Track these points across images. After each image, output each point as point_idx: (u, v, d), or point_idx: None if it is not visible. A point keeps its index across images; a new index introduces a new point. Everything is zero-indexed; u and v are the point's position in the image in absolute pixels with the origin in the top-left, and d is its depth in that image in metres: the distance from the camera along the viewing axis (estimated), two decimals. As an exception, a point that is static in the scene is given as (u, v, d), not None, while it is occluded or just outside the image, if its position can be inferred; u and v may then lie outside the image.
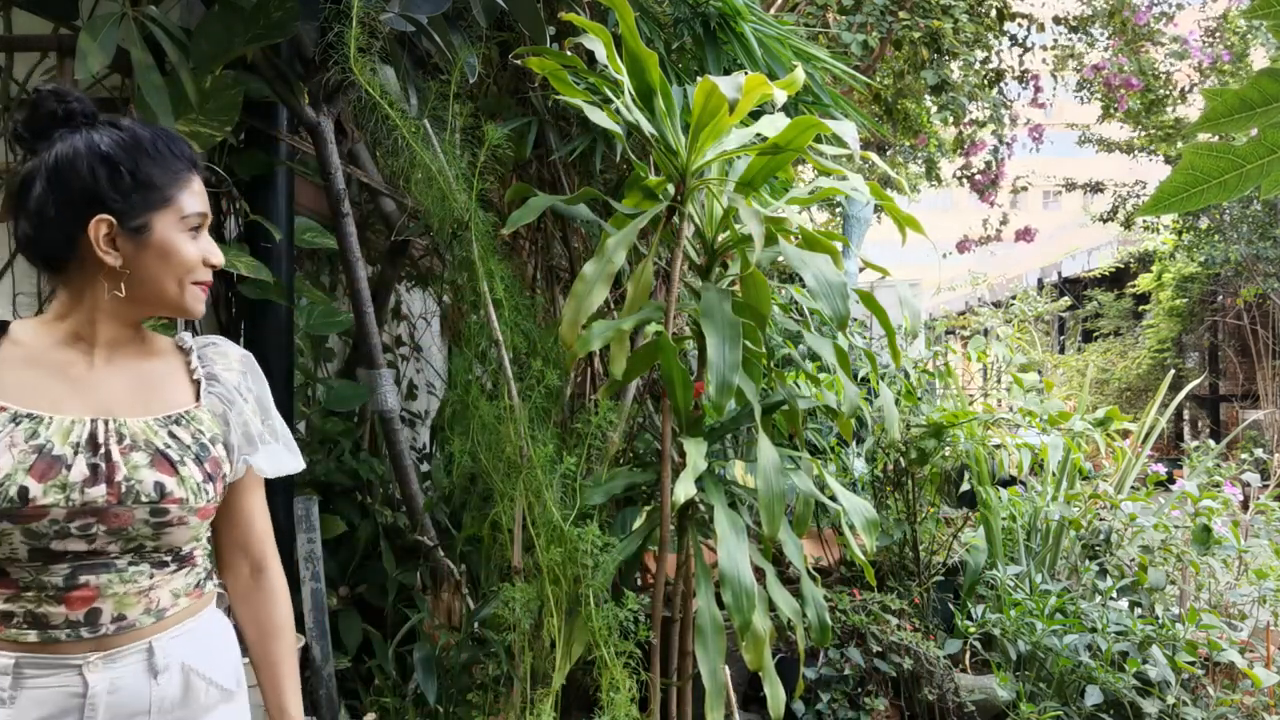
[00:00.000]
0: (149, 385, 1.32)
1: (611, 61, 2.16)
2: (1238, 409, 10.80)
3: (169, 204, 1.27)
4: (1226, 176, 0.78)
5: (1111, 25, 6.55)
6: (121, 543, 1.23)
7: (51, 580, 1.20)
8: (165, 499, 1.24)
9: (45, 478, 1.17)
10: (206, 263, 1.31)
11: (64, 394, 1.24)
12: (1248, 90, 0.74)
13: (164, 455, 1.25)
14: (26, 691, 1.19)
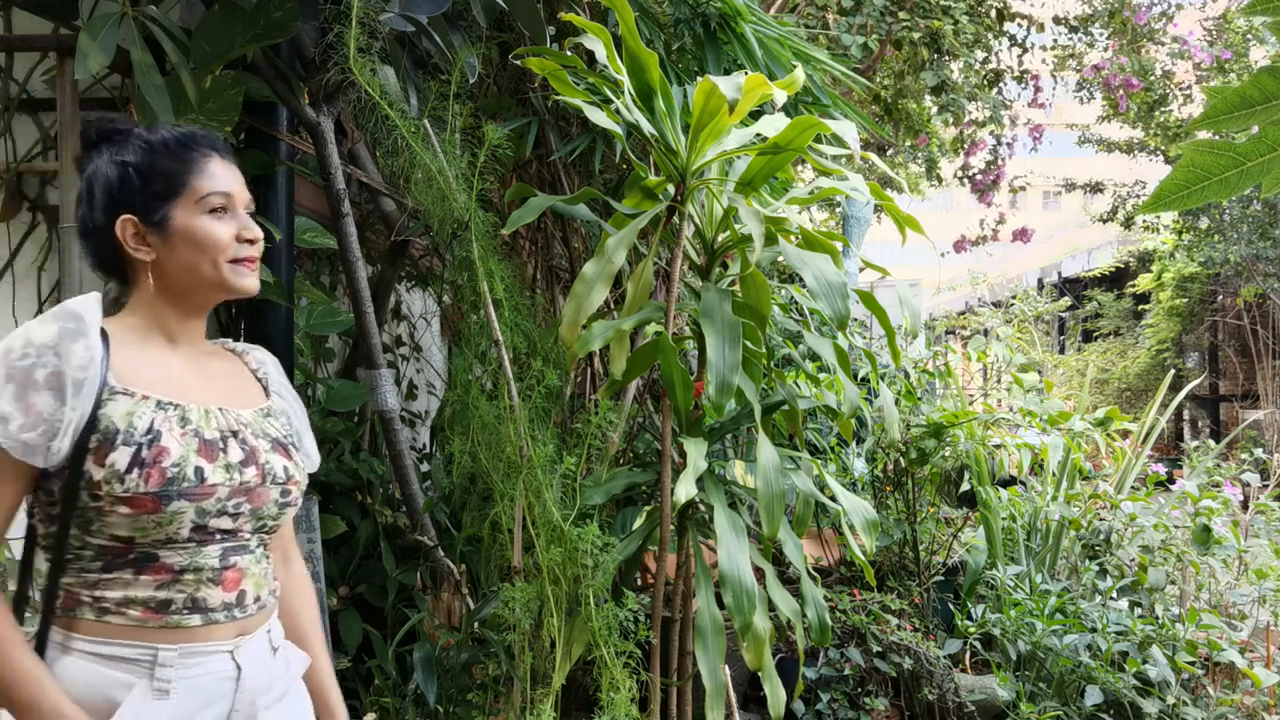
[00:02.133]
0: (230, 381, 1.39)
1: (611, 61, 2.16)
2: (1238, 409, 10.80)
3: (183, 191, 1.29)
4: (1227, 174, 0.78)
5: (1112, 25, 6.55)
6: (254, 523, 1.31)
7: (208, 562, 1.25)
8: (289, 481, 1.35)
9: (212, 459, 1.25)
10: (241, 238, 1.31)
11: (179, 384, 1.29)
12: (1248, 88, 0.74)
13: (280, 442, 1.36)
14: (186, 681, 1.21)
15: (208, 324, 1.41)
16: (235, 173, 1.34)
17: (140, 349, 1.29)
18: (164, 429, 1.22)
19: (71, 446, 1.17)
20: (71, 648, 1.20)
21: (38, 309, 2.66)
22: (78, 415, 1.18)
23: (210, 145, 1.33)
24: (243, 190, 1.34)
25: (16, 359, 1.17)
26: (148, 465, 1.19)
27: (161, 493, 1.19)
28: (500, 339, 2.47)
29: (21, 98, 2.63)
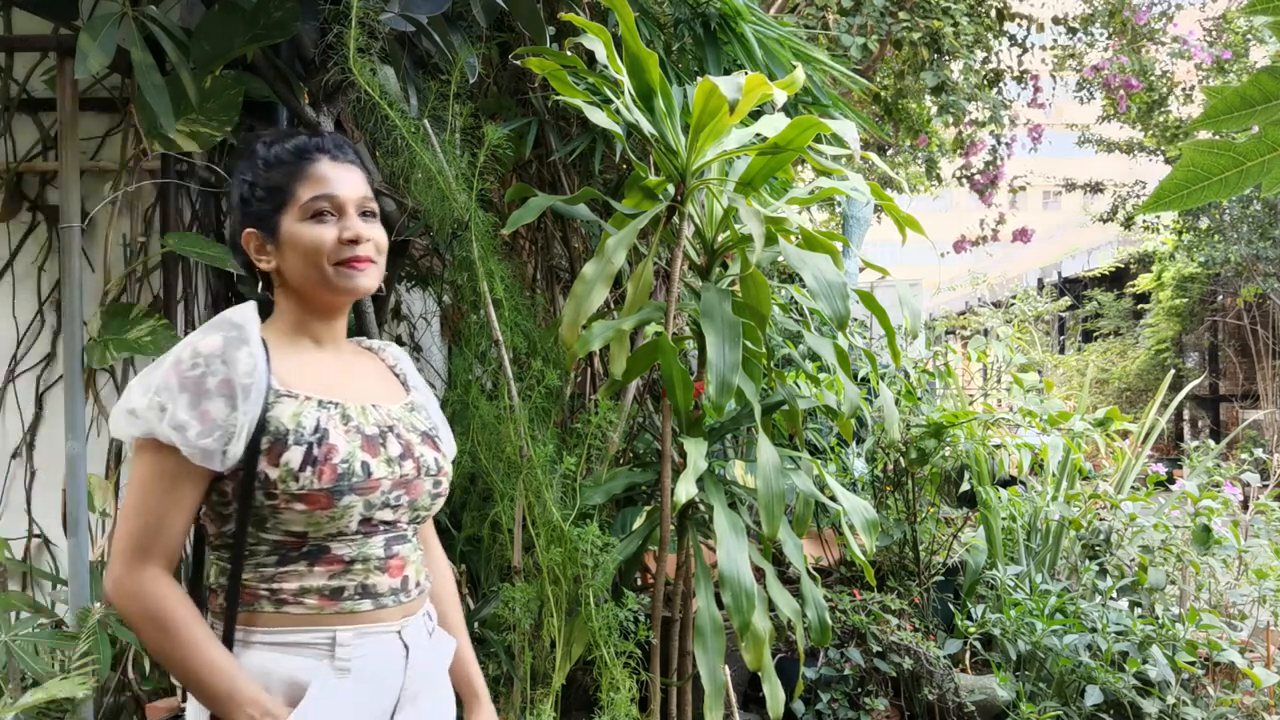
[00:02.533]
0: (375, 378, 1.44)
1: (611, 62, 2.16)
2: (1238, 409, 10.80)
3: (288, 199, 1.33)
4: (1227, 174, 0.78)
5: (1112, 25, 6.55)
6: (410, 513, 1.36)
7: (374, 552, 1.31)
8: (439, 472, 1.40)
9: (375, 454, 1.30)
10: (343, 239, 1.32)
11: (333, 384, 1.34)
12: (1248, 88, 0.74)
13: (427, 434, 1.40)
14: (363, 659, 1.27)
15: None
16: (349, 173, 1.36)
17: (293, 352, 1.34)
18: (330, 427, 1.27)
19: (245, 449, 1.22)
20: (253, 641, 1.26)
21: (38, 309, 2.66)
22: (248, 419, 1.23)
23: (321, 149, 1.36)
24: (355, 190, 1.35)
25: (187, 369, 1.23)
26: (320, 463, 1.24)
27: (334, 488, 1.24)
28: (500, 339, 2.47)
29: (21, 98, 2.63)
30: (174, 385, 1.22)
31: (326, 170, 1.34)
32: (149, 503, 1.23)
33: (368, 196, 1.36)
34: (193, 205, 2.68)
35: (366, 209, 1.36)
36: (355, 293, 1.34)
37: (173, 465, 1.22)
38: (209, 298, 2.77)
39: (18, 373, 2.65)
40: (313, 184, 1.33)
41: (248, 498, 1.24)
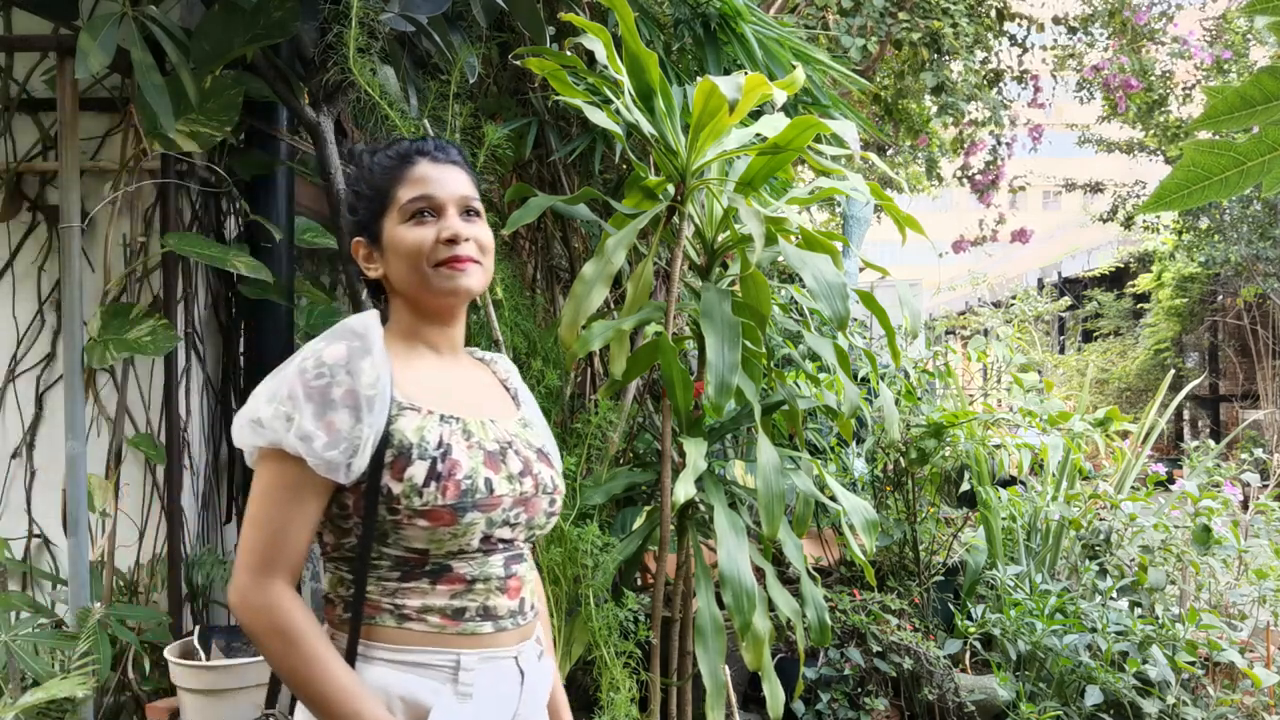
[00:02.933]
0: (490, 391, 1.41)
1: (611, 62, 2.16)
2: (1238, 409, 10.80)
3: (389, 203, 1.32)
4: (1228, 173, 0.78)
5: (1112, 25, 6.55)
6: (527, 532, 1.32)
7: (495, 571, 1.27)
8: (555, 490, 1.36)
9: (497, 470, 1.27)
10: (442, 239, 1.29)
11: (451, 397, 1.31)
12: (1248, 88, 0.74)
13: (542, 451, 1.36)
14: (484, 686, 1.24)
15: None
16: (449, 173, 1.33)
17: (411, 363, 1.32)
18: (453, 442, 1.24)
19: (368, 462, 1.20)
20: (374, 657, 1.22)
21: (38, 309, 2.66)
22: (373, 431, 1.20)
23: (421, 151, 1.34)
24: (455, 189, 1.32)
25: (312, 379, 1.20)
26: (443, 478, 1.21)
27: (457, 505, 1.21)
28: (500, 339, 2.47)
29: (21, 98, 2.63)
30: (299, 395, 1.19)
31: (426, 171, 1.32)
32: (273, 514, 1.21)
33: (469, 196, 1.33)
34: (193, 205, 2.68)
35: (469, 208, 1.33)
36: (458, 294, 1.30)
37: (296, 476, 1.20)
38: (209, 298, 2.77)
39: (18, 373, 2.65)
40: (412, 185, 1.31)
41: (371, 512, 1.21)
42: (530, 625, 1.33)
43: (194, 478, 2.68)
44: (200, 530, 2.71)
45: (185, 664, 2.23)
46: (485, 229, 1.34)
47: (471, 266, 1.30)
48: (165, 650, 2.32)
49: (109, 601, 2.44)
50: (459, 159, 1.36)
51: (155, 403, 2.61)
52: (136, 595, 2.56)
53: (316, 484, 1.21)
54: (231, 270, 2.46)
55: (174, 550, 2.54)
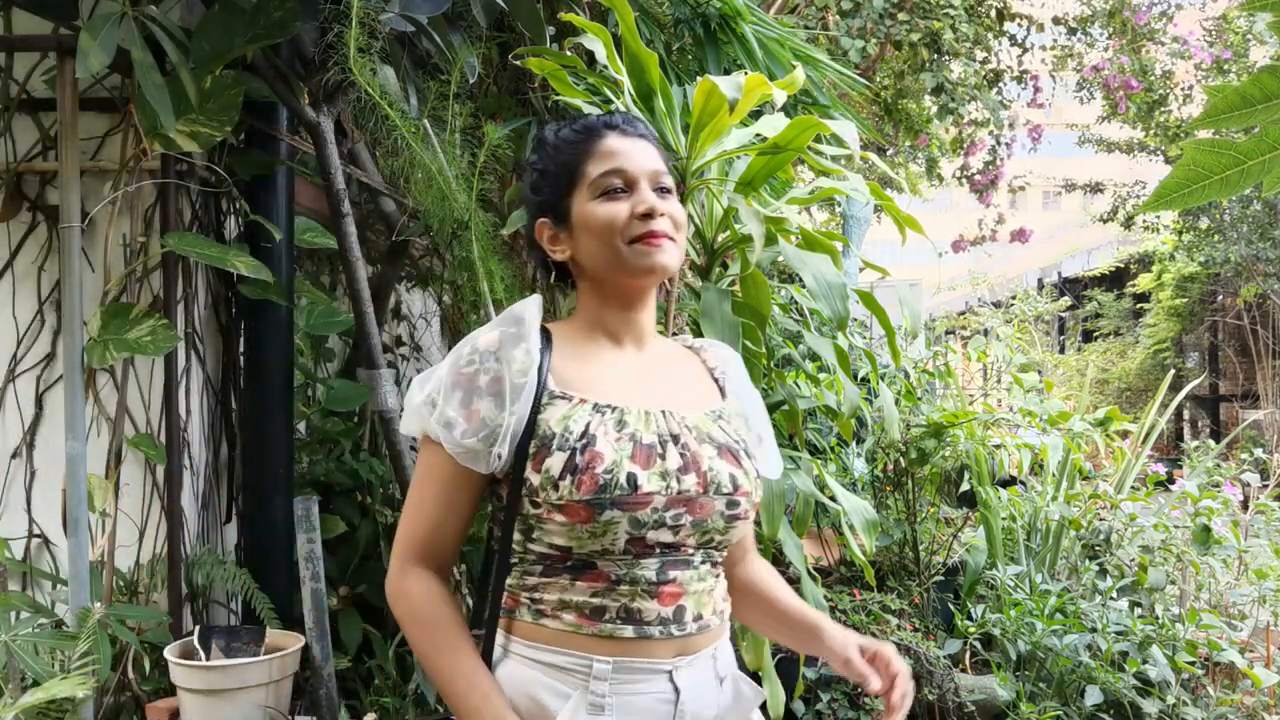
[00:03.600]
0: (682, 381, 1.30)
1: (611, 62, 2.16)
2: (1238, 409, 10.80)
3: (576, 179, 1.24)
4: (1228, 173, 0.78)
5: (1111, 25, 6.55)
6: (698, 536, 1.19)
7: (644, 574, 1.16)
8: (737, 491, 1.21)
9: (647, 465, 1.15)
10: (636, 214, 1.20)
11: (620, 386, 1.23)
12: (1249, 87, 0.73)
13: (728, 448, 1.23)
14: (621, 699, 1.14)
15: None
16: (639, 145, 1.25)
17: (584, 350, 1.25)
18: (598, 433, 1.16)
19: (511, 452, 1.16)
20: (510, 651, 1.18)
21: (38, 309, 2.66)
22: (515, 420, 1.16)
23: (609, 125, 1.26)
24: (647, 163, 1.24)
25: (463, 365, 1.18)
26: (580, 471, 1.13)
27: (594, 500, 1.12)
28: (500, 339, 2.46)
29: (21, 98, 2.63)
30: (448, 382, 1.17)
31: (616, 144, 1.24)
32: (422, 501, 1.20)
33: (661, 171, 1.25)
34: (193, 205, 2.68)
35: (661, 184, 1.24)
36: (654, 271, 1.21)
37: (444, 465, 1.18)
38: (209, 298, 2.77)
39: (18, 373, 2.65)
40: (601, 159, 1.23)
41: (515, 505, 1.17)
42: (696, 639, 1.19)
43: (194, 478, 2.68)
44: (200, 530, 2.71)
45: (185, 664, 2.23)
46: (678, 206, 1.25)
47: (667, 243, 1.21)
48: (165, 650, 2.32)
49: (109, 601, 2.44)
50: (647, 133, 1.28)
51: (155, 403, 2.61)
52: (136, 595, 2.56)
53: (461, 474, 1.18)
54: (231, 270, 2.47)
55: (174, 550, 2.54)
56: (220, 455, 2.82)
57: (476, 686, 1.14)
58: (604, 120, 1.27)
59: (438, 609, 1.17)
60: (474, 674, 1.15)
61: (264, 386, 2.69)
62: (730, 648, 1.28)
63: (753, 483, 1.23)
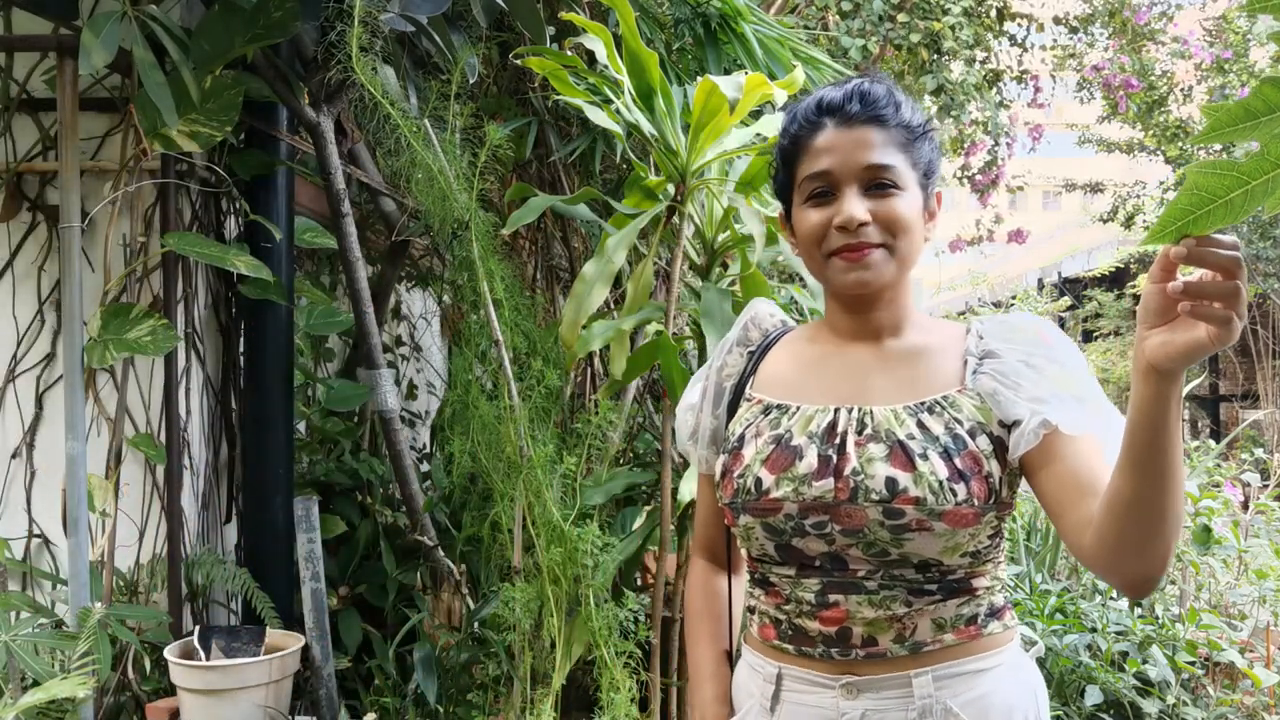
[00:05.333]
0: (908, 371, 1.15)
1: (612, 61, 2.16)
2: (1238, 409, 10.80)
3: (794, 177, 1.16)
4: (1232, 195, 0.77)
5: (1112, 25, 6.55)
6: (862, 548, 1.08)
7: (806, 595, 1.11)
8: (897, 497, 1.05)
9: (777, 469, 1.10)
10: (835, 225, 1.09)
11: (818, 385, 1.16)
12: (1251, 99, 0.73)
13: (903, 447, 1.07)
14: (785, 705, 1.13)
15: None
16: (858, 136, 1.10)
17: (806, 351, 1.19)
18: (750, 434, 1.13)
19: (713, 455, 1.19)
20: (742, 649, 1.25)
21: (38, 309, 2.66)
22: (714, 422, 1.18)
23: (830, 110, 1.12)
24: (859, 159, 1.10)
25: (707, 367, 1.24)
26: (727, 474, 1.13)
27: (732, 504, 1.11)
28: (500, 339, 2.47)
29: (21, 98, 2.63)
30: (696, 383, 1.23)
31: (829, 140, 1.11)
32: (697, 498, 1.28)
33: (879, 165, 1.09)
34: (193, 205, 2.68)
35: (877, 180, 1.10)
36: (854, 289, 1.11)
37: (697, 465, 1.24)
38: (209, 298, 2.77)
39: (18, 373, 2.65)
40: (812, 159, 1.12)
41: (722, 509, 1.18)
42: (871, 665, 1.09)
43: (194, 478, 2.68)
44: (200, 530, 2.70)
45: (185, 664, 2.23)
46: (901, 201, 1.10)
47: (874, 255, 1.09)
48: (165, 650, 2.32)
49: (109, 601, 2.44)
50: (880, 110, 1.11)
51: (155, 403, 2.61)
52: (136, 595, 2.56)
53: (702, 474, 1.24)
54: (231, 270, 2.46)
55: (174, 550, 2.54)
56: (220, 455, 2.82)
57: (700, 677, 1.23)
58: (826, 103, 1.12)
59: (697, 599, 1.25)
60: (702, 664, 1.23)
61: (264, 386, 2.69)
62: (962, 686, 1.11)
63: (928, 487, 1.04)
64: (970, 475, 1.06)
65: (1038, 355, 1.11)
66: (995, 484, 1.08)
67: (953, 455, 1.06)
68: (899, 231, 1.10)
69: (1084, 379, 1.11)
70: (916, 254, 1.13)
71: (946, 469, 1.05)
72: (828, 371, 1.16)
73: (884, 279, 1.10)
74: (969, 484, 1.06)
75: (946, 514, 1.05)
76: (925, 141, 1.15)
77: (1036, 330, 1.14)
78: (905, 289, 1.16)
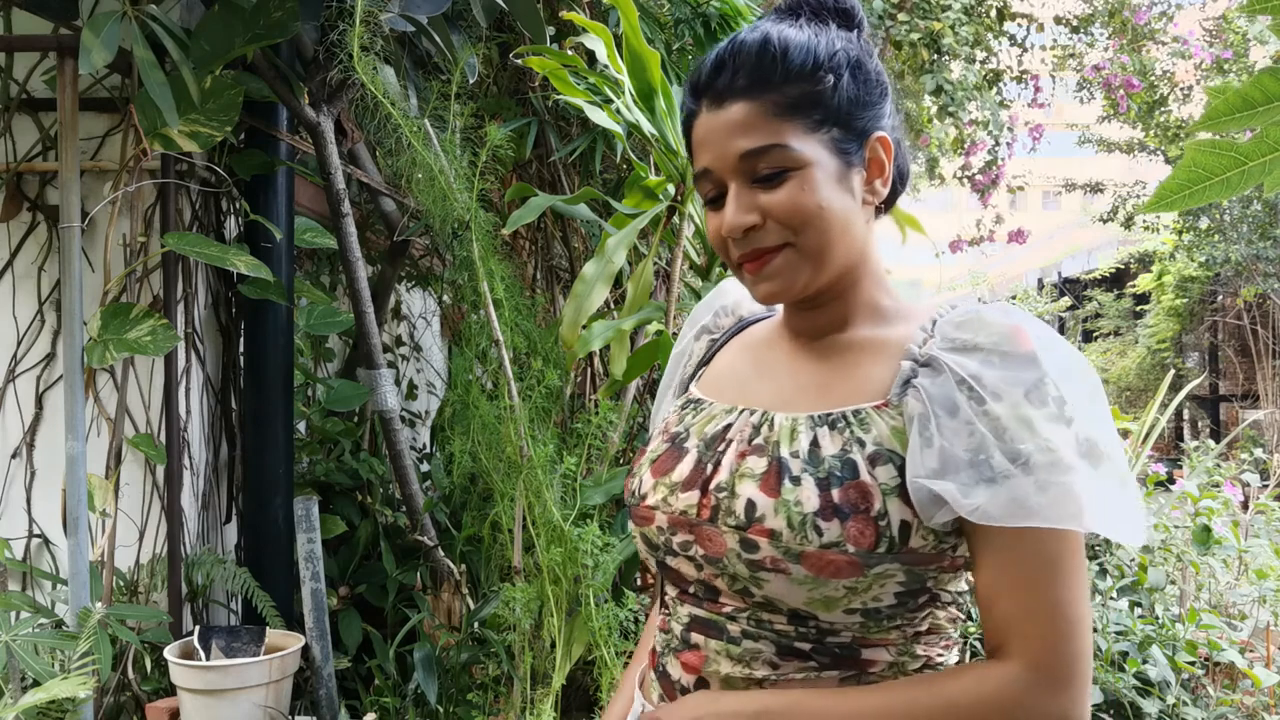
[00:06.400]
0: (832, 373, 0.92)
1: (612, 61, 2.16)
2: (1238, 409, 10.80)
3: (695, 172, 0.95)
4: (1229, 174, 0.78)
5: (1112, 25, 6.55)
6: (725, 581, 0.87)
7: (676, 628, 0.93)
8: (753, 525, 0.84)
9: (659, 472, 0.94)
10: (724, 235, 0.90)
11: (744, 383, 0.99)
12: (1250, 88, 0.74)
13: (780, 466, 0.86)
14: None
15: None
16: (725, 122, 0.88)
17: (755, 343, 1.03)
18: (657, 432, 0.99)
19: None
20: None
21: (38, 309, 2.66)
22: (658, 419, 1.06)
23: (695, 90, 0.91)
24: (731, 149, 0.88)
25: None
26: (630, 473, 0.98)
27: (627, 507, 0.96)
28: (500, 339, 2.47)
29: (21, 98, 2.63)
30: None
31: (703, 129, 0.91)
32: None
33: (752, 150, 0.86)
34: (193, 205, 2.69)
35: (757, 171, 0.87)
36: (767, 302, 0.93)
37: None
38: (209, 298, 2.77)
39: (18, 373, 2.65)
40: (696, 155, 0.93)
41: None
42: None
43: (194, 478, 2.68)
44: (200, 530, 2.70)
45: (185, 664, 2.23)
46: (794, 186, 0.86)
47: (775, 261, 0.88)
48: (165, 650, 2.32)
49: (109, 601, 2.44)
50: (752, 75, 0.87)
51: (155, 403, 2.61)
52: (136, 595, 2.56)
53: None
54: (231, 270, 2.46)
55: (174, 550, 2.54)
56: (220, 455, 2.82)
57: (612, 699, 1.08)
58: (695, 82, 0.91)
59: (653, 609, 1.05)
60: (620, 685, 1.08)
61: (264, 386, 2.69)
62: None
63: (787, 520, 0.82)
64: (850, 513, 0.81)
65: (991, 379, 0.80)
66: (889, 529, 0.81)
67: (833, 485, 0.83)
68: (800, 224, 0.87)
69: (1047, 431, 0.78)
70: (844, 237, 0.89)
71: (818, 500, 0.82)
72: (760, 369, 0.99)
73: (797, 284, 0.89)
74: (845, 524, 0.81)
75: (806, 556, 0.81)
76: (837, 82, 0.88)
77: (1013, 338, 0.81)
78: (864, 275, 0.94)
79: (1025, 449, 0.78)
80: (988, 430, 0.79)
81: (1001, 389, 0.79)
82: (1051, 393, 0.79)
